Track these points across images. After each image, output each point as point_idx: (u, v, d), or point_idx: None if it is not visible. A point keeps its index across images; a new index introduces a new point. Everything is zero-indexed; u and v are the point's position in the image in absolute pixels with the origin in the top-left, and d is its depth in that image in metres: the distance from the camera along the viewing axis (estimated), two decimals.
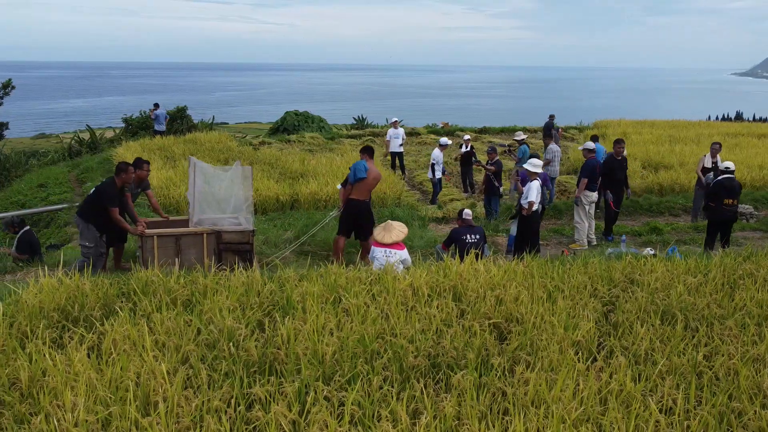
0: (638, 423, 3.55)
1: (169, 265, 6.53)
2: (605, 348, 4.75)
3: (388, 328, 4.84)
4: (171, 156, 15.39)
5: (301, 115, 26.21)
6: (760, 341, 4.67)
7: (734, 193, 8.89)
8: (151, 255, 7.10)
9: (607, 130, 22.18)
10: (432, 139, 23.10)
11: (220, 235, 7.37)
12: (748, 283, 5.90)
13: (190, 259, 7.18)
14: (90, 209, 7.24)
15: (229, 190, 7.72)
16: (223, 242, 7.38)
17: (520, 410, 3.76)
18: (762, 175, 14.26)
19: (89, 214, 7.21)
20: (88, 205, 7.30)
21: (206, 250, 7.34)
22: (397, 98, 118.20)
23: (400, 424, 3.53)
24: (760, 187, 13.80)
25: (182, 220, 8.07)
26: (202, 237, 7.35)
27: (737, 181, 9.16)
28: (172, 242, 7.25)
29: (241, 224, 7.60)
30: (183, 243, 7.28)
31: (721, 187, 8.88)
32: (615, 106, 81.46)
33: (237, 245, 7.43)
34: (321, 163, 14.81)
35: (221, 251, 7.37)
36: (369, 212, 8.31)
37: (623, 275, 6.12)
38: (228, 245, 7.40)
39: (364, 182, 8.04)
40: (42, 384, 3.92)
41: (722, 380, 4.12)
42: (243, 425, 3.56)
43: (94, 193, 7.31)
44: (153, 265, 6.54)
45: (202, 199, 7.57)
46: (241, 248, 7.45)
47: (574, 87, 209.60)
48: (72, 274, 5.61)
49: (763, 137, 20.76)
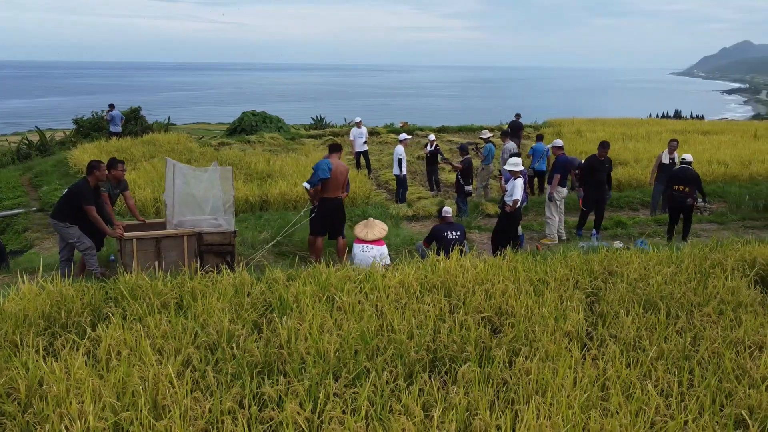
0: (640, 406, 3.71)
1: (151, 269, 6.41)
2: (594, 337, 4.94)
3: (384, 324, 4.90)
4: (130, 158, 14.99)
5: (259, 116, 25.89)
6: (738, 326, 4.94)
7: (685, 181, 9.46)
8: (130, 258, 6.94)
9: (562, 128, 22.79)
10: (392, 138, 23.20)
11: (201, 237, 7.27)
12: (718, 272, 6.22)
13: (170, 262, 7.04)
14: (65, 211, 7.02)
15: (208, 191, 7.60)
16: (205, 244, 7.27)
17: (526, 399, 3.89)
18: (711, 169, 14.94)
19: (64, 215, 7.00)
20: (62, 206, 7.07)
21: (187, 252, 7.22)
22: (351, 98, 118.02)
23: (414, 418, 3.60)
24: (711, 182, 14.43)
25: (159, 223, 7.90)
26: (183, 239, 7.23)
27: (692, 171, 9.70)
28: (152, 245, 7.09)
29: (221, 225, 7.51)
30: (163, 245, 7.13)
31: (674, 175, 9.70)
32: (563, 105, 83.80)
33: (218, 246, 7.33)
34: (286, 163, 14.71)
35: (202, 253, 7.26)
36: (342, 209, 8.35)
37: (602, 267, 6.35)
38: (209, 247, 7.29)
39: (330, 181, 8.00)
40: (41, 393, 3.81)
41: (710, 363, 4.34)
42: (258, 425, 3.55)
43: (67, 194, 7.08)
44: (133, 268, 6.41)
45: (180, 201, 7.44)
46: (222, 249, 7.34)
47: (522, 86, 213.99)
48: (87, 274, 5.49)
49: (708, 134, 21.71)
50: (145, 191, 11.40)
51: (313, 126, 28.07)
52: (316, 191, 8.03)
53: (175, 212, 7.35)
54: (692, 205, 9.59)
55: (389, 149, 20.99)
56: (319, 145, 20.96)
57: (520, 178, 8.25)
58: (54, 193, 12.55)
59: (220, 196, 7.64)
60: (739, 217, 11.16)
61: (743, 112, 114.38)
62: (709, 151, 17.17)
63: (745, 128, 22.81)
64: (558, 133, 22.20)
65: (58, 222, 7.02)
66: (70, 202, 6.97)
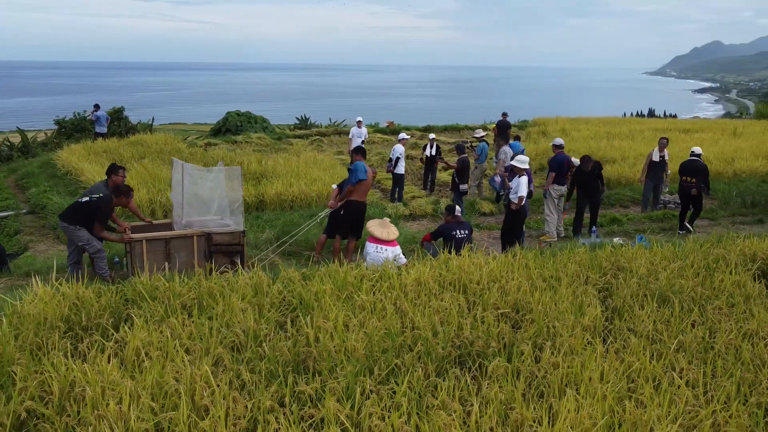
0: (671, 397, 3.81)
1: (160, 270, 6.37)
2: (613, 331, 5.05)
3: (406, 322, 4.95)
4: (119, 159, 14.80)
5: (244, 116, 25.75)
6: (751, 318, 5.09)
7: (693, 172, 10.22)
8: (141, 260, 6.89)
9: (547, 127, 23.08)
10: (379, 137, 23.29)
11: (211, 237, 7.24)
12: (722, 267, 6.39)
13: (181, 263, 7.00)
14: (78, 215, 6.92)
15: (213, 191, 7.56)
16: (214, 244, 7.25)
17: (556, 392, 3.97)
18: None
19: (76, 219, 6.91)
20: (75, 211, 6.96)
21: (197, 252, 7.18)
22: (330, 98, 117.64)
23: (453, 413, 3.65)
24: None
25: (166, 224, 7.87)
26: (193, 240, 7.19)
27: (701, 163, 10.50)
28: (161, 246, 7.06)
29: (229, 225, 7.47)
30: (173, 246, 7.10)
31: (684, 166, 10.57)
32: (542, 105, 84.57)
33: (227, 246, 7.31)
34: (279, 163, 14.66)
35: (212, 253, 7.23)
36: (364, 213, 8.39)
37: (610, 263, 6.48)
38: (218, 247, 7.27)
39: (364, 183, 8.12)
40: (73, 395, 3.78)
41: (729, 355, 4.47)
42: (299, 423, 3.57)
43: (88, 204, 6.94)
44: (143, 270, 6.38)
45: (186, 201, 7.40)
46: (231, 249, 7.33)
47: (500, 86, 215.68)
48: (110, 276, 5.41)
49: (688, 132, 22.16)
50: (140, 192, 11.29)
51: (298, 126, 28.01)
52: (348, 192, 8.08)
53: (184, 213, 7.30)
54: (696, 194, 10.19)
55: (376, 149, 21.06)
56: (306, 145, 20.93)
57: (525, 175, 8.36)
58: (44, 194, 12.35)
59: (226, 196, 7.60)
60: (728, 213, 11.44)
61: (714, 111, 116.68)
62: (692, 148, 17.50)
63: (724, 126, 23.31)
64: (543, 132, 22.50)
65: (68, 225, 6.93)
66: (87, 210, 6.88)
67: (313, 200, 11.93)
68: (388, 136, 23.85)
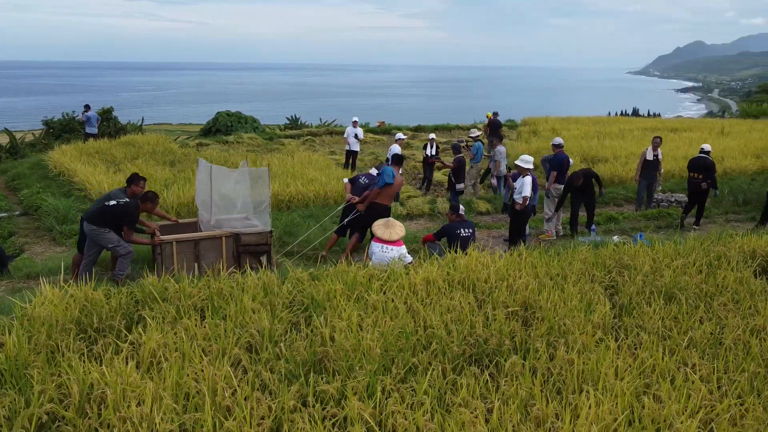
0: (688, 393, 3.87)
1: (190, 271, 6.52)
2: (622, 328, 5.11)
3: (419, 321, 4.98)
4: (112, 160, 14.70)
5: (234, 116, 25.66)
6: (757, 314, 5.17)
7: (701, 168, 10.57)
8: (170, 261, 6.97)
9: (537, 126, 23.22)
10: (371, 137, 23.29)
11: (239, 238, 7.33)
12: (723, 263, 6.49)
13: (209, 263, 7.06)
14: (106, 219, 6.90)
15: (236, 190, 7.69)
16: (242, 244, 7.35)
17: (573, 389, 4.01)
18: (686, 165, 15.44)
19: (104, 222, 6.89)
20: (102, 214, 6.90)
21: (225, 253, 7.27)
22: (319, 98, 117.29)
23: (475, 410, 3.68)
24: None
25: (191, 223, 8.00)
26: (221, 240, 7.29)
27: (709, 160, 10.82)
28: (191, 247, 7.15)
29: (255, 224, 7.62)
30: (202, 247, 7.21)
31: (692, 163, 10.94)
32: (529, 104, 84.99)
33: (255, 246, 7.42)
34: (273, 163, 14.62)
35: (240, 254, 7.34)
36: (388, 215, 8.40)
37: (614, 261, 6.55)
38: (246, 247, 7.37)
39: (389, 187, 8.28)
40: (93, 397, 3.76)
41: (739, 350, 4.55)
42: (323, 422, 3.58)
43: (118, 208, 6.91)
44: (173, 271, 6.55)
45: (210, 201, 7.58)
46: (259, 249, 7.44)
47: (487, 85, 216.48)
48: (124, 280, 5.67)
49: (677, 131, 22.39)
50: None
51: (288, 126, 27.91)
52: (374, 194, 8.26)
53: (213, 212, 7.54)
54: (705, 190, 10.55)
55: (369, 148, 21.09)
56: (298, 146, 20.88)
57: (529, 175, 8.41)
58: (37, 196, 12.21)
59: (248, 195, 7.73)
60: (721, 211, 11.60)
61: (697, 110, 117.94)
62: (683, 148, 17.71)
63: (711, 125, 23.58)
64: (534, 132, 22.63)
65: (97, 227, 6.86)
66: (114, 213, 6.88)
67: (311, 200, 11.91)
68: (379, 135, 23.88)
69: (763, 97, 37.37)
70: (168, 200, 10.98)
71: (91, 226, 6.89)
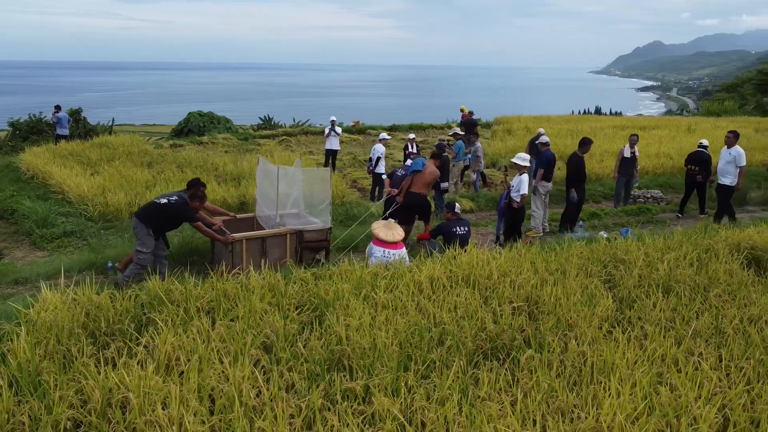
0: (701, 380, 4.02)
1: (257, 267, 6.73)
2: (625, 320, 5.26)
3: (429, 318, 5.03)
4: (88, 162, 14.37)
5: (206, 116, 25.37)
6: (752, 304, 5.38)
7: (698, 161, 11.36)
8: (239, 258, 7.27)
9: (511, 125, 23.52)
10: (346, 137, 23.24)
11: (302, 234, 7.69)
12: (712, 256, 6.72)
13: (274, 259, 7.42)
14: (161, 218, 7.02)
15: (291, 187, 8.16)
16: (305, 241, 7.72)
17: (595, 379, 4.12)
18: (660, 162, 15.91)
19: (153, 222, 6.99)
20: (156, 213, 7.01)
21: (289, 249, 7.64)
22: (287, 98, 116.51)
23: (502, 403, 3.76)
24: (661, 174, 15.39)
25: (248, 218, 8.39)
26: (286, 237, 7.64)
27: (706, 154, 11.57)
28: (258, 244, 7.48)
29: (314, 221, 8.02)
30: (268, 244, 7.54)
31: (690, 157, 11.77)
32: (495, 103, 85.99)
33: (316, 243, 7.80)
34: (254, 164, 14.50)
35: (301, 250, 7.71)
36: (426, 203, 9.07)
37: (609, 256, 6.72)
38: (308, 243, 7.75)
39: (420, 176, 8.80)
40: (114, 401, 3.72)
41: (739, 338, 4.73)
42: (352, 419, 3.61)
43: (170, 208, 7.01)
44: (242, 266, 7.06)
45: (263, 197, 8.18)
46: (319, 245, 7.80)
47: (452, 85, 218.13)
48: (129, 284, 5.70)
49: (646, 128, 23.00)
50: (118, 195, 10.99)
51: (261, 126, 27.68)
52: (407, 183, 8.85)
53: (260, 208, 8.14)
54: (702, 181, 11.28)
55: (346, 148, 21.05)
56: (274, 146, 20.71)
57: (526, 174, 8.55)
58: (11, 199, 11.86)
59: (301, 193, 8.32)
60: (695, 206, 11.96)
61: (657, 109, 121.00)
62: (653, 145, 18.21)
63: (678, 123, 24.28)
64: (508, 131, 22.94)
65: (144, 226, 6.94)
66: (160, 212, 7.00)
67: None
68: (354, 135, 23.86)
69: (723, 95, 38.61)
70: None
71: (136, 221, 6.98)
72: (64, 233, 9.90)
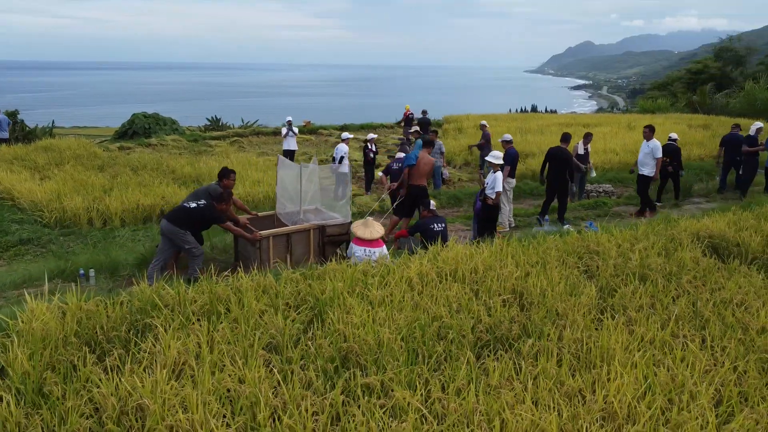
0: (691, 360, 4.29)
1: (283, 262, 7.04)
2: (608, 308, 5.53)
3: (428, 312, 5.14)
4: (35, 167, 13.78)
5: (152, 117, 24.69)
6: (722, 288, 5.76)
7: (669, 153, 11.99)
8: (267, 254, 7.45)
9: (462, 123, 24.01)
10: (298, 137, 23.09)
11: (324, 229, 7.89)
12: (676, 245, 7.13)
13: (299, 254, 7.69)
14: (189, 222, 7.24)
15: (307, 184, 8.35)
16: (327, 235, 7.91)
17: (597, 363, 4.34)
18: (608, 158, 16.61)
19: (187, 225, 7.21)
20: (183, 217, 7.23)
21: (312, 244, 7.83)
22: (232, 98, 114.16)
23: (513, 390, 3.91)
24: (609, 169, 16.06)
25: (270, 215, 8.62)
26: (309, 233, 7.84)
27: (675, 146, 12.44)
28: (284, 241, 7.67)
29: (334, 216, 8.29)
30: (293, 240, 7.72)
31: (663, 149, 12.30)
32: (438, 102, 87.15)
33: (338, 237, 7.97)
34: (212, 166, 14.27)
35: (324, 244, 7.89)
36: (425, 195, 9.29)
37: (583, 248, 7.02)
38: (330, 238, 7.94)
39: (416, 168, 9.20)
40: (127, 409, 3.65)
41: (717, 321, 5.06)
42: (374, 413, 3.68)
43: (198, 212, 7.26)
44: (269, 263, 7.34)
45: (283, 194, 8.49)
46: (340, 239, 7.99)
47: (395, 84, 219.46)
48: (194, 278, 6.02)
49: (588, 126, 23.82)
50: (75, 201, 10.61)
51: (209, 127, 27.15)
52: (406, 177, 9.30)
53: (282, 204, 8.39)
54: (674, 171, 12.17)
55: (300, 148, 20.93)
56: (226, 147, 20.37)
57: (500, 171, 8.79)
58: None
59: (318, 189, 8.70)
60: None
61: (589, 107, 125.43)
62: (599, 141, 18.93)
63: (619, 120, 25.34)
64: (459, 129, 23.38)
65: (178, 229, 7.10)
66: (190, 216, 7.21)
67: (260, 202, 11.76)
68: (306, 135, 23.78)
69: (656, 93, 40.54)
70: (112, 206, 10.49)
71: (171, 226, 7.10)
72: (20, 241, 9.50)
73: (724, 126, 22.50)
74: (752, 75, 35.17)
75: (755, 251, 7.09)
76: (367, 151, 14.24)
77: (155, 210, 10.79)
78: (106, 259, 7.70)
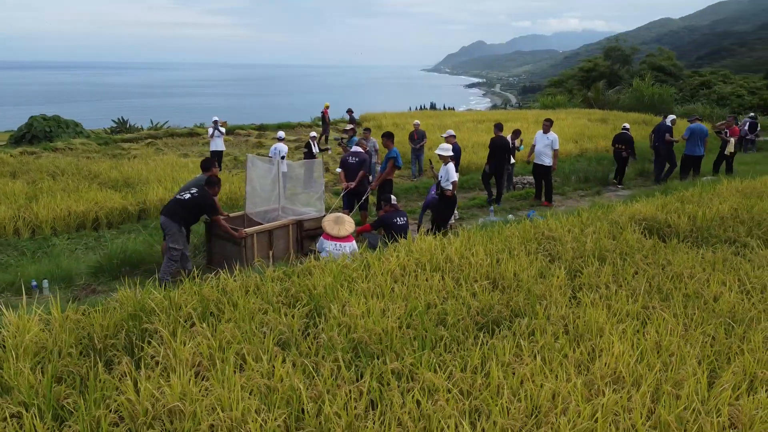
0: (671, 327, 4.79)
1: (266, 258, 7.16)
2: (578, 287, 5.99)
3: (421, 300, 5.36)
4: None
5: (52, 120, 23.21)
6: (669, 264, 6.40)
7: (623, 141, 14.06)
8: (251, 252, 7.50)
9: (380, 121, 24.42)
10: None
11: (302, 224, 8.00)
12: (618, 228, 7.79)
13: (280, 250, 7.75)
14: (185, 213, 7.25)
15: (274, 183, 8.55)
16: (305, 230, 8.06)
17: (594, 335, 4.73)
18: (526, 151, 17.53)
19: (182, 217, 7.22)
20: (182, 209, 7.23)
21: (291, 239, 7.96)
22: (117, 98, 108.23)
23: (525, 365, 4.21)
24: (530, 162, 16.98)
25: (239, 216, 8.59)
26: (289, 228, 7.96)
27: (628, 135, 14.29)
28: (266, 237, 7.73)
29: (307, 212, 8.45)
30: (275, 236, 7.79)
31: (616, 137, 14.39)
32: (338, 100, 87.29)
33: (314, 231, 8.11)
34: (137, 169, 13.68)
35: (302, 239, 8.04)
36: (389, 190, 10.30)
37: (539, 234, 7.50)
38: (307, 232, 8.10)
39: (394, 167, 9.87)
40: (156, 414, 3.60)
41: (678, 293, 5.64)
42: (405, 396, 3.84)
43: (193, 201, 7.30)
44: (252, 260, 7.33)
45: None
46: (316, 233, 8.04)
47: (293, 83, 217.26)
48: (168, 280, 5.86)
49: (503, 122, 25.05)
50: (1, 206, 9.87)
51: (116, 129, 25.82)
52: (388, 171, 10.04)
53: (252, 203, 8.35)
54: (626, 158, 13.83)
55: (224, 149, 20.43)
56: (142, 149, 19.50)
57: (451, 162, 9.12)
58: None
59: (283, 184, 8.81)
60: (572, 189, 13.49)
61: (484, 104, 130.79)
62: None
63: (526, 116, 26.74)
64: (378, 126, 23.74)
65: (175, 224, 7.09)
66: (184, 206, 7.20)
67: None
68: (225, 136, 23.21)
69: (553, 90, 43.08)
70: (41, 215, 9.86)
71: (168, 220, 7.10)
72: None
73: (620, 120, 24.41)
74: (637, 73, 38.24)
75: (684, 230, 7.88)
76: (312, 149, 14.25)
77: (89, 217, 10.24)
78: (56, 269, 7.27)
